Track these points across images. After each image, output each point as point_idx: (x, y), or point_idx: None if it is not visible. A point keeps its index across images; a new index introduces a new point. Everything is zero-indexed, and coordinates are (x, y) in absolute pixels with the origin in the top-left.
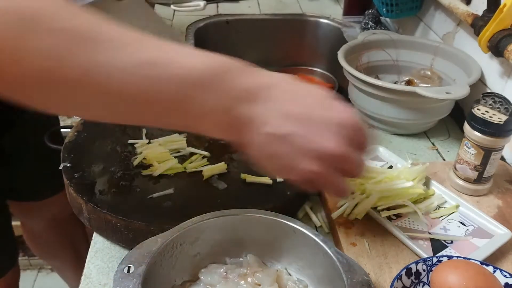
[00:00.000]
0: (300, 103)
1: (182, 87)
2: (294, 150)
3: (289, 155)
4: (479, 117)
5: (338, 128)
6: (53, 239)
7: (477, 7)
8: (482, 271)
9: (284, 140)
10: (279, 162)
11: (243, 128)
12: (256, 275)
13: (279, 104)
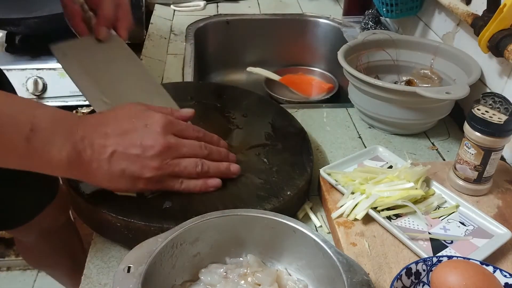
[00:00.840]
0: (121, 123)
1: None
2: (132, 160)
3: (130, 166)
4: (479, 117)
5: (157, 128)
6: (48, 250)
7: (477, 7)
8: (482, 271)
9: (121, 156)
10: (125, 177)
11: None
12: (256, 275)
13: (107, 131)
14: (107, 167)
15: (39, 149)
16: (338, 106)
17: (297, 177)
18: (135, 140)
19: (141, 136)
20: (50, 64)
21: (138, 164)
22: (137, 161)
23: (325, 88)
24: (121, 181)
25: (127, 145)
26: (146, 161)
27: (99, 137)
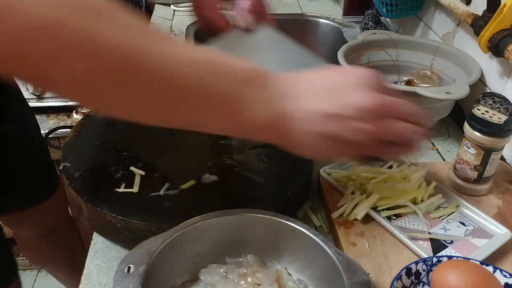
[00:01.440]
0: (328, 81)
1: (235, 84)
2: (344, 122)
3: (341, 129)
4: (479, 117)
5: (368, 84)
6: (48, 247)
7: (477, 7)
8: (482, 271)
9: (331, 117)
10: (334, 141)
11: (288, 121)
12: (256, 275)
13: (314, 90)
14: (314, 128)
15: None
16: None
17: (297, 177)
18: (347, 99)
19: (353, 94)
20: None
21: (350, 126)
22: (350, 123)
23: None
24: (328, 146)
25: (338, 105)
26: (359, 123)
27: (307, 96)
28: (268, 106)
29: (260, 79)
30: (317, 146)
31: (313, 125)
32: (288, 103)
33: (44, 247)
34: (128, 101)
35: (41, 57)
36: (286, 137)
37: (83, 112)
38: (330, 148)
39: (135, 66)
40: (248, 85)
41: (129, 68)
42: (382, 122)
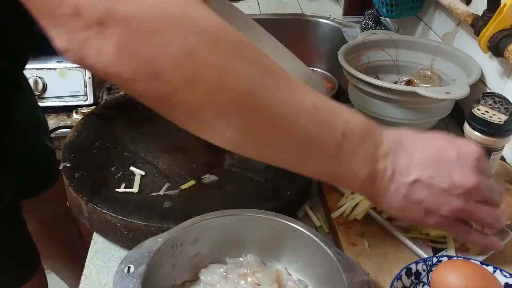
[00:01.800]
0: (430, 148)
1: (343, 136)
2: (435, 193)
3: (430, 199)
4: (479, 117)
5: (470, 162)
6: (48, 240)
7: (477, 7)
8: (482, 271)
9: (424, 185)
10: (420, 209)
11: (379, 180)
12: (256, 275)
13: (412, 153)
14: (404, 192)
15: (343, 158)
16: None
17: (297, 177)
18: (445, 172)
19: (452, 168)
20: (50, 64)
21: (440, 199)
22: (441, 195)
23: None
24: (413, 211)
25: (434, 175)
26: (450, 198)
27: (404, 158)
28: (371, 163)
29: (373, 136)
30: (405, 208)
31: (406, 188)
32: (396, 161)
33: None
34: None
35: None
36: (378, 195)
37: (83, 112)
38: (415, 212)
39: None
40: (356, 138)
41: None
42: (470, 202)
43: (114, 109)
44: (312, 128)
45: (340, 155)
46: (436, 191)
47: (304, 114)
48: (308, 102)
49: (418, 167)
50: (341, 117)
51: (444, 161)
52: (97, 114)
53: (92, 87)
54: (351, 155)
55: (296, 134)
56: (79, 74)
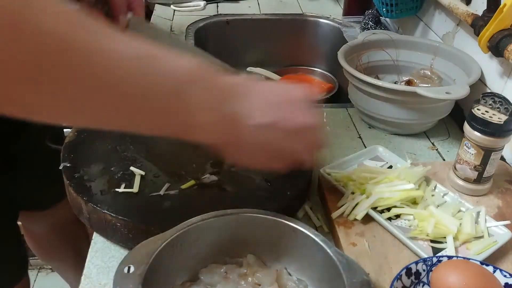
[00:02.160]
0: (273, 93)
1: (178, 82)
2: (282, 134)
3: (278, 140)
4: (479, 117)
5: (308, 102)
6: (56, 242)
7: (477, 7)
8: (482, 271)
9: (271, 127)
10: (269, 151)
11: (231, 124)
12: (256, 275)
13: (257, 98)
14: (251, 137)
15: (181, 108)
16: (338, 106)
17: (297, 177)
18: (287, 114)
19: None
20: None
21: (284, 142)
22: (285, 138)
23: (325, 88)
24: (260, 156)
25: (278, 117)
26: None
27: (246, 102)
28: (215, 107)
29: (207, 79)
30: (254, 156)
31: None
32: (237, 105)
33: (53, 242)
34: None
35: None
36: (233, 137)
37: None
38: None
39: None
40: (194, 85)
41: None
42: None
43: None
44: (152, 78)
45: (189, 105)
46: (280, 134)
47: (139, 65)
48: (139, 51)
49: (263, 112)
50: (185, 65)
51: (285, 106)
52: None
53: None
54: (200, 104)
55: (134, 87)
56: None
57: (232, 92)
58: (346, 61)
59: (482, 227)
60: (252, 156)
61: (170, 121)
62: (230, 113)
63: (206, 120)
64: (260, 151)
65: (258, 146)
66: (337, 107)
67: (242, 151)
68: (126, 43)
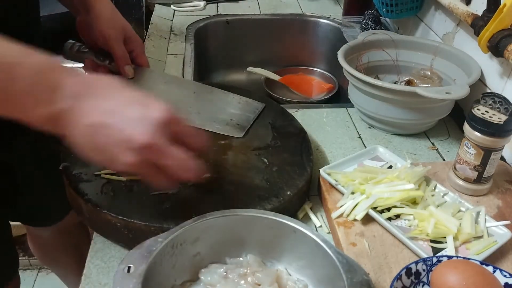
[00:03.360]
0: (116, 98)
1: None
2: (110, 142)
3: (107, 147)
4: (479, 117)
5: (153, 122)
6: (60, 247)
7: (477, 7)
8: (482, 271)
9: (100, 131)
10: (101, 154)
11: (63, 120)
12: (256, 275)
13: (96, 99)
14: (87, 135)
15: (18, 100)
16: (338, 106)
17: (297, 177)
18: (120, 123)
19: (129, 122)
20: None
21: (116, 149)
22: (116, 145)
23: (325, 88)
24: (101, 155)
25: (110, 123)
26: (124, 150)
27: (89, 101)
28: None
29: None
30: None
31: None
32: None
33: (57, 246)
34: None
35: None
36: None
37: None
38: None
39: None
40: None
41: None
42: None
43: None
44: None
45: (14, 97)
46: (112, 139)
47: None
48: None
49: (99, 112)
50: (14, 60)
51: (124, 113)
52: None
53: None
54: (24, 96)
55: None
56: None
57: (70, 92)
58: (346, 61)
59: (482, 227)
60: (88, 153)
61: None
62: (62, 110)
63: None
64: (94, 152)
65: (90, 147)
66: (337, 107)
67: (77, 145)
68: None
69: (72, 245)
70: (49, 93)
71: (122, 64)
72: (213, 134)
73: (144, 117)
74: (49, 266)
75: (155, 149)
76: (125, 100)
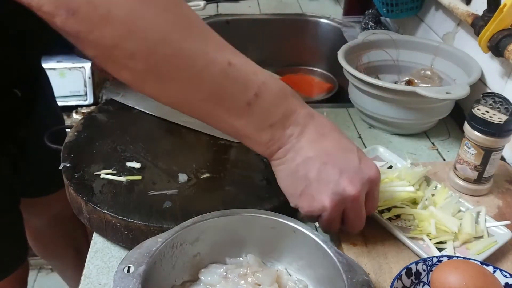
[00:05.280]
0: (338, 142)
1: (256, 95)
2: (321, 179)
3: (314, 183)
4: (479, 117)
5: (365, 177)
6: (56, 237)
7: (477, 7)
8: (482, 271)
9: (317, 165)
10: (302, 186)
11: (284, 146)
12: (256, 275)
13: (320, 135)
14: (296, 164)
15: (252, 117)
16: (338, 106)
17: None
18: (338, 168)
19: (346, 170)
20: (50, 64)
21: (320, 187)
22: (323, 185)
23: (325, 88)
24: (295, 187)
25: (328, 163)
26: (328, 192)
27: (311, 134)
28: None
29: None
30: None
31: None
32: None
33: (52, 236)
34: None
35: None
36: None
37: (83, 112)
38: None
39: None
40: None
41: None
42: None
43: (114, 109)
44: (223, 81)
45: (249, 113)
46: (321, 178)
47: (217, 68)
48: (224, 57)
49: (320, 149)
50: (258, 78)
51: (343, 160)
52: (97, 114)
53: (92, 87)
54: (260, 115)
55: (205, 85)
56: (79, 74)
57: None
58: (346, 61)
59: (482, 227)
60: (289, 182)
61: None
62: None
63: (264, 134)
64: (296, 182)
65: (296, 176)
66: (337, 107)
67: (283, 173)
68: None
69: (68, 236)
70: (282, 117)
71: None
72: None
73: (361, 170)
74: (46, 258)
75: (356, 202)
76: (342, 145)
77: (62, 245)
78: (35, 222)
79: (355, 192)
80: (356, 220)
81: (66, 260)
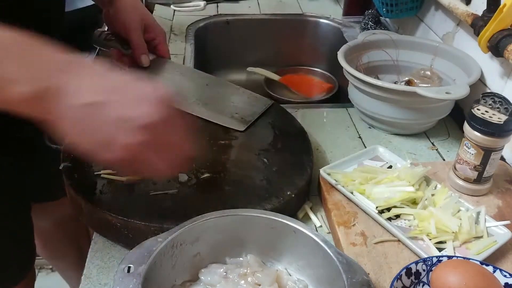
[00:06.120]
0: (112, 78)
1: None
2: (109, 121)
3: (105, 127)
4: (479, 117)
5: (154, 101)
6: (61, 238)
7: (477, 7)
8: (482, 271)
9: (97, 110)
10: (95, 137)
11: (47, 101)
12: (256, 275)
13: (91, 78)
14: (78, 116)
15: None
16: (338, 106)
17: (297, 177)
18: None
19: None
20: None
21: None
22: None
23: (325, 88)
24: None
25: (108, 101)
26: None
27: (78, 80)
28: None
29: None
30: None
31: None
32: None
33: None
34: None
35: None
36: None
37: None
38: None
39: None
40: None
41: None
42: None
43: None
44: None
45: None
46: (111, 119)
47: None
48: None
49: (96, 91)
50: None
51: (125, 92)
52: None
53: None
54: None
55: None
56: None
57: (60, 67)
58: (346, 61)
59: (482, 227)
60: (78, 138)
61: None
62: (51, 88)
63: (23, 91)
64: (86, 135)
65: (82, 129)
66: (337, 107)
67: (65, 130)
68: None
69: (72, 236)
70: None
71: (139, 53)
72: (215, 129)
73: (146, 96)
74: (49, 259)
75: (157, 128)
76: (122, 80)
77: (67, 245)
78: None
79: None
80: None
81: (69, 260)
